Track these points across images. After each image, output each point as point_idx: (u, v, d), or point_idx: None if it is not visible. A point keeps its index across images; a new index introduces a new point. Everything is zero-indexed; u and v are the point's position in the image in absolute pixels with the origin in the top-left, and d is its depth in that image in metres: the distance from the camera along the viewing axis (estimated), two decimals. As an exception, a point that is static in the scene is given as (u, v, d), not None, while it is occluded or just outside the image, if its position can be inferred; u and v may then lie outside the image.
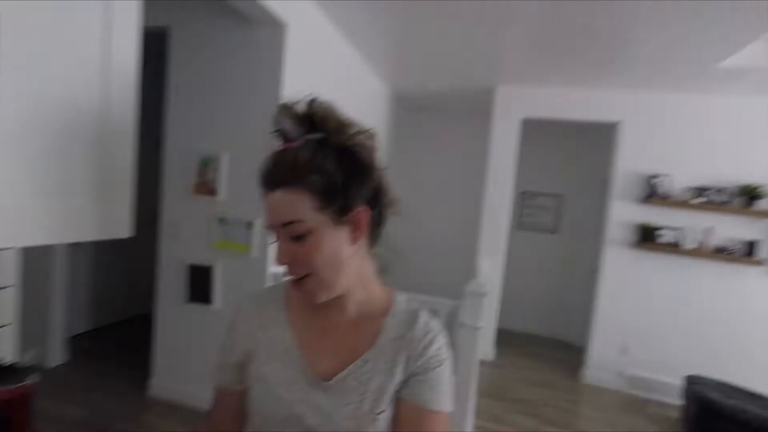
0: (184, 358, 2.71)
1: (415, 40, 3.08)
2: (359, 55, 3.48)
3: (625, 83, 3.49)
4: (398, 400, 0.68)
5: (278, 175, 0.64)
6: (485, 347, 4.04)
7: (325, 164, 0.63)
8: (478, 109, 4.58)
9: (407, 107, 4.99)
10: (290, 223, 0.63)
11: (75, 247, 3.38)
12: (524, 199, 5.07)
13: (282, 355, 0.71)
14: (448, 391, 0.70)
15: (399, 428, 0.68)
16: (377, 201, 0.69)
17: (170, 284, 2.72)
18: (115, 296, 3.95)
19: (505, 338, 4.51)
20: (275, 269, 2.56)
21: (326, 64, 2.99)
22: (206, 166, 2.60)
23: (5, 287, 0.84)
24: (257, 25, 2.42)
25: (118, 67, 0.72)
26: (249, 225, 2.55)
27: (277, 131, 0.67)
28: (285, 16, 2.34)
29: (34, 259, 2.79)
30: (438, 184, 5.16)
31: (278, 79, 2.45)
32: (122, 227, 0.76)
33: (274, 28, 2.40)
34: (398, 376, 0.68)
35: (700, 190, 3.48)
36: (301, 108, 0.66)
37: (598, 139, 4.62)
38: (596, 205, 4.59)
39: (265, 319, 0.75)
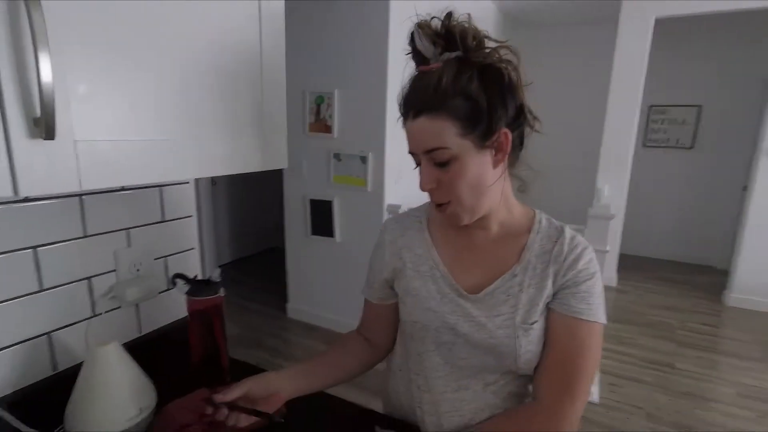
0: (314, 285, 2.98)
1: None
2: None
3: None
4: (550, 312, 0.68)
5: (420, 100, 0.62)
6: (608, 273, 3.81)
7: (469, 87, 0.60)
8: (600, 16, 3.93)
9: (518, 24, 4.45)
10: (434, 149, 0.62)
11: (215, 186, 3.80)
12: (653, 113, 4.42)
13: (430, 272, 0.74)
14: (601, 304, 0.67)
15: (554, 339, 0.67)
16: (519, 121, 0.65)
17: (296, 219, 2.93)
18: (250, 231, 4.43)
19: (629, 263, 4.21)
20: (392, 202, 2.59)
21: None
22: (320, 104, 2.63)
23: (189, 216, 0.94)
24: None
25: (268, 12, 0.70)
26: (363, 159, 2.57)
27: (412, 52, 0.64)
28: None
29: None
30: (556, 105, 4.56)
31: (386, 10, 2.30)
32: (281, 159, 0.77)
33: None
34: (548, 289, 0.68)
35: None
36: (436, 25, 0.62)
37: (749, 34, 3.76)
38: (746, 113, 3.91)
39: (409, 240, 0.77)
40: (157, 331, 0.95)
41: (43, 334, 0.76)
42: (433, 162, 0.64)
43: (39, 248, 0.73)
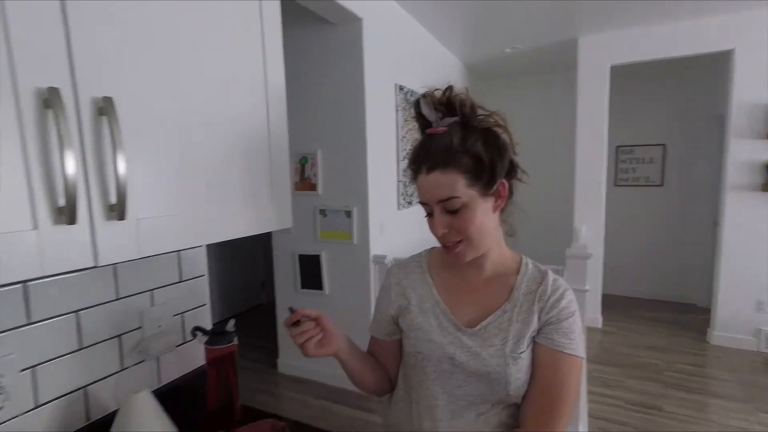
0: (306, 338, 3.00)
1: (489, 9, 3.02)
2: (431, 35, 3.49)
3: (735, 5, 3.07)
4: (536, 345, 0.78)
5: (434, 158, 0.73)
6: (592, 314, 3.88)
7: (475, 146, 0.73)
8: (559, 64, 4.33)
9: (481, 75, 4.89)
10: (447, 199, 0.73)
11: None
12: (621, 153, 4.67)
13: (431, 309, 0.84)
14: (582, 340, 0.77)
15: (539, 370, 0.77)
16: (512, 174, 0.79)
17: (285, 274, 3.02)
18: (236, 289, 4.45)
19: (612, 304, 4.27)
20: (377, 252, 2.73)
21: (399, 49, 3.05)
22: (304, 164, 2.83)
23: (201, 276, 1.06)
24: (335, 24, 2.55)
25: (273, 86, 0.87)
26: (348, 214, 2.73)
27: (416, 116, 0.78)
28: (360, 11, 2.44)
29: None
30: (526, 150, 4.87)
31: (361, 71, 2.58)
32: (287, 219, 0.92)
33: (351, 23, 2.52)
34: (534, 324, 0.78)
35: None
36: (439, 95, 0.76)
37: (702, 76, 4.14)
38: (708, 149, 4.14)
39: (413, 281, 0.89)
40: (176, 381, 1.04)
41: (80, 388, 0.85)
42: (446, 210, 0.74)
43: (81, 312, 0.85)
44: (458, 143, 0.73)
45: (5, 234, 0.49)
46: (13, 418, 0.74)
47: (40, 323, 0.79)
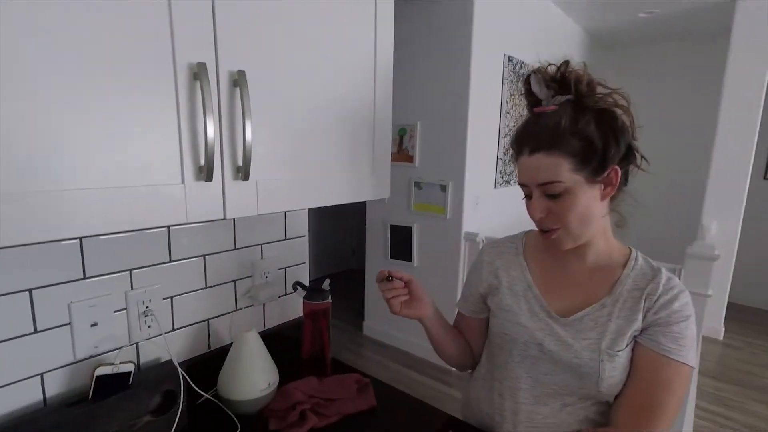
0: (391, 305, 3.12)
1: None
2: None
3: None
4: (638, 346, 0.72)
5: (538, 139, 0.68)
6: (712, 323, 3.43)
7: (587, 129, 0.67)
8: (706, 32, 3.68)
9: (606, 45, 4.36)
10: (548, 183, 0.68)
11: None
12: None
13: (523, 292, 0.82)
14: (693, 347, 0.70)
15: (639, 372, 0.71)
16: (629, 160, 0.72)
17: (376, 243, 3.14)
18: (330, 253, 4.76)
19: (741, 315, 3.74)
20: (469, 229, 2.69)
21: (511, 16, 2.86)
22: (403, 135, 2.86)
23: (303, 236, 1.17)
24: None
25: (382, 67, 0.90)
26: (443, 188, 2.72)
27: (526, 93, 0.74)
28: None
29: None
30: (651, 133, 4.29)
31: (469, 41, 2.49)
32: (385, 190, 0.96)
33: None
34: (637, 323, 0.71)
35: None
36: (553, 71, 0.71)
37: None
38: None
39: (506, 262, 0.86)
40: (277, 326, 1.17)
41: (204, 320, 1.01)
42: (545, 194, 0.70)
43: (207, 256, 0.99)
44: (568, 124, 0.67)
45: (162, 186, 0.59)
46: (159, 335, 0.91)
47: (177, 262, 0.94)
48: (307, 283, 1.14)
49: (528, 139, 0.70)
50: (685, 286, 0.73)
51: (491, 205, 2.95)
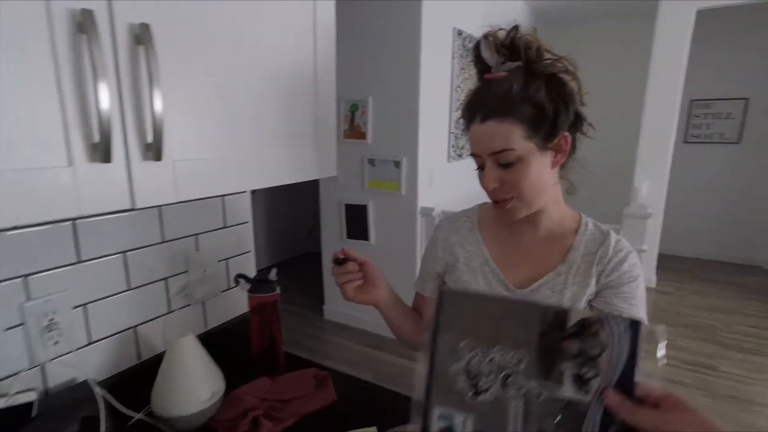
0: (350, 287, 3.05)
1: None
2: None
3: None
4: (593, 309, 0.72)
5: (490, 105, 0.66)
6: (647, 273, 3.70)
7: (537, 95, 0.65)
8: (636, 10, 3.86)
9: (550, 21, 4.44)
10: (501, 151, 0.66)
11: (254, 194, 3.96)
12: (695, 107, 4.28)
13: (480, 267, 0.79)
14: (643, 306, 0.71)
15: None
16: (576, 126, 0.71)
17: (331, 224, 3.03)
18: (285, 237, 4.58)
19: (669, 264, 4.09)
20: (425, 204, 2.65)
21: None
22: (354, 111, 2.73)
23: (245, 222, 1.04)
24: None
25: (322, 30, 0.78)
26: (397, 164, 2.64)
27: (475, 60, 0.70)
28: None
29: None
30: (590, 102, 4.52)
31: (418, 14, 2.39)
32: (331, 168, 0.85)
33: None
34: (591, 288, 0.72)
35: None
36: (503, 36, 0.67)
37: None
38: None
39: (461, 237, 0.83)
40: (221, 325, 1.05)
41: (130, 328, 0.87)
42: (498, 163, 0.67)
43: (128, 252, 0.84)
44: (518, 90, 0.65)
45: (40, 170, 0.46)
46: (69, 352, 0.76)
47: (89, 262, 0.79)
48: (253, 274, 1.03)
49: (479, 106, 0.68)
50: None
51: (445, 179, 2.91)
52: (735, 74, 4.08)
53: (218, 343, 0.93)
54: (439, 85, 2.74)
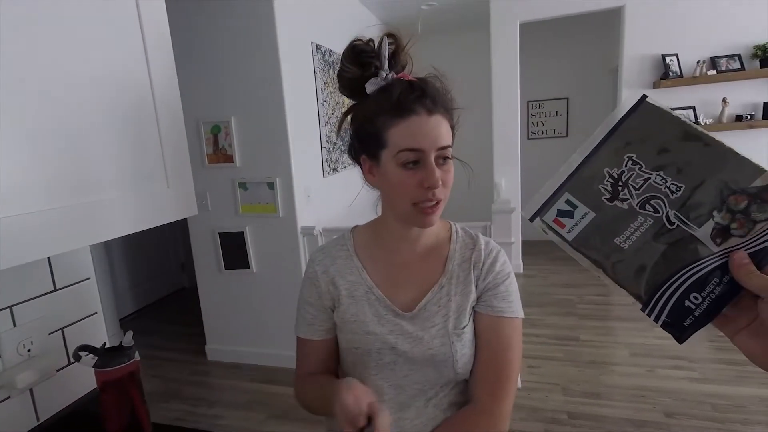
0: (233, 322, 2.81)
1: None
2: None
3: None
4: (477, 315, 0.74)
5: (435, 100, 0.65)
6: (514, 261, 4.16)
7: (448, 98, 0.69)
8: (474, 23, 4.42)
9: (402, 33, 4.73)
10: (446, 147, 0.66)
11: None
12: (531, 108, 5.03)
13: (365, 296, 0.75)
14: (518, 300, 0.75)
15: (483, 340, 0.73)
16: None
17: (205, 255, 2.76)
18: (152, 275, 4.03)
19: (531, 249, 4.60)
20: (305, 224, 2.57)
21: (312, 4, 2.77)
22: (216, 133, 2.52)
23: (86, 279, 0.85)
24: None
25: (153, 35, 0.68)
26: (271, 185, 2.52)
27: (358, 66, 0.69)
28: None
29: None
30: None
31: (274, 29, 2.33)
32: (191, 206, 0.75)
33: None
34: (473, 294, 0.73)
35: (714, 60, 3.39)
36: (405, 44, 0.72)
37: (599, 32, 4.50)
38: (605, 100, 4.59)
39: (340, 267, 0.78)
40: (60, 413, 0.84)
41: None
42: (438, 160, 0.65)
43: None
44: (444, 88, 0.68)
45: None
46: None
47: None
48: (102, 342, 0.85)
49: (423, 99, 0.64)
50: (495, 238, 0.79)
51: (323, 195, 2.87)
52: (557, 77, 4.87)
53: (59, 437, 0.74)
54: (305, 101, 2.70)
